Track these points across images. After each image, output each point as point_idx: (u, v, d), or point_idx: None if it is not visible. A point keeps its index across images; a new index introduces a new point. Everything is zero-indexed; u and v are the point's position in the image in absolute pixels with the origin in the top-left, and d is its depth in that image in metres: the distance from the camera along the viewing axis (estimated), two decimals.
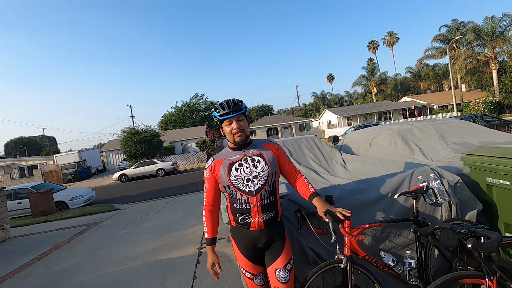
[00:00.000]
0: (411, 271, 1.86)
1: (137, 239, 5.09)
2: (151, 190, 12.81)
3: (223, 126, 1.73)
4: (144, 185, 15.35)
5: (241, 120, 1.71)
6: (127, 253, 4.40)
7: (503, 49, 27.54)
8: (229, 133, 1.71)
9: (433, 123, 3.86)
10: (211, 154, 26.27)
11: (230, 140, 1.74)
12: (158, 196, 10.28)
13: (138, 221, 6.50)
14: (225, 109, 1.68)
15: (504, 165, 2.00)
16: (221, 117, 1.69)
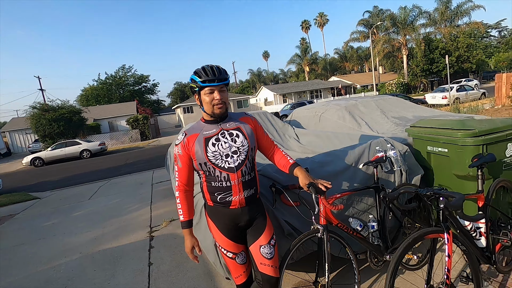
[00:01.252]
0: (373, 233, 2.04)
1: (69, 230, 4.46)
2: (76, 174, 11.31)
3: (202, 94, 1.51)
4: (67, 169, 13.45)
5: (223, 91, 1.52)
6: (59, 247, 3.83)
7: (412, 37, 31.75)
8: (209, 103, 1.50)
9: (373, 99, 4.22)
10: (145, 132, 24.42)
11: (207, 112, 1.55)
12: (87, 181, 9.13)
13: (66, 210, 5.69)
14: (208, 75, 1.46)
15: (443, 134, 2.30)
16: (203, 83, 1.47)
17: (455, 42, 30.87)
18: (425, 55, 31.23)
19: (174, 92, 62.51)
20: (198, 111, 34.57)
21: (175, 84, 64.17)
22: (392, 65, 40.29)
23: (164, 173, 8.05)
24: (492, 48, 43.18)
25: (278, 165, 1.74)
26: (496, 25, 46.45)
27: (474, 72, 35.57)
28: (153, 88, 47.77)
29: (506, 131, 2.12)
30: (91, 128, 24.28)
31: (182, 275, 2.71)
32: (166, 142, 20.76)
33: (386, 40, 32.96)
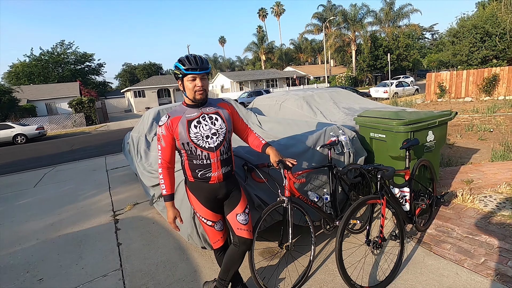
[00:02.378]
0: (327, 203, 2.45)
1: (17, 218, 4.20)
2: (11, 162, 10.16)
3: (185, 81, 1.68)
4: None
5: (204, 79, 1.71)
6: (10, 234, 3.62)
7: (360, 33, 34.07)
8: (191, 89, 1.69)
9: (327, 91, 4.70)
10: (91, 116, 22.55)
11: (189, 97, 1.73)
12: (26, 168, 8.33)
13: (8, 198, 5.25)
14: (192, 64, 1.64)
15: (382, 123, 2.79)
16: (186, 71, 1.64)
17: (396, 42, 34.01)
18: (371, 52, 33.88)
19: (122, 73, 58.06)
20: (150, 96, 32.87)
21: (124, 65, 59.60)
22: (342, 59, 42.87)
23: (119, 159, 7.77)
24: (426, 49, 48.47)
25: (252, 145, 2.00)
26: (429, 28, 52.07)
27: (410, 70, 39.74)
28: (99, 69, 43.81)
29: (427, 121, 2.68)
30: (25, 110, 21.64)
31: (154, 251, 2.86)
32: (116, 127, 19.53)
33: (337, 35, 34.87)
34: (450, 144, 5.44)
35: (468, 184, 3.46)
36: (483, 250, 2.30)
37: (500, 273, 2.05)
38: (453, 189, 3.37)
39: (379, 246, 2.02)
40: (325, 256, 2.49)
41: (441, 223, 2.76)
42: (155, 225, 3.43)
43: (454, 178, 3.73)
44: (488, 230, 2.54)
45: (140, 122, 4.52)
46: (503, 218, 2.67)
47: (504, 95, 11.88)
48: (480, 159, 4.41)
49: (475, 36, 19.37)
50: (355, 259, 2.38)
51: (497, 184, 3.31)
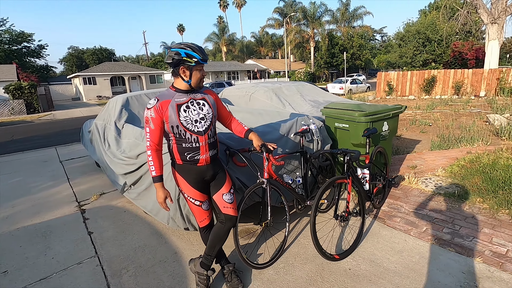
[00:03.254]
0: (299, 185, 2.70)
1: None
2: None
3: (195, 69, 1.76)
4: None
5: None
6: None
7: (319, 31, 35.52)
8: (199, 78, 1.80)
9: (294, 84, 4.98)
10: (33, 103, 20.25)
11: (193, 85, 1.81)
12: None
13: None
14: (205, 55, 1.77)
15: (346, 114, 3.12)
16: (202, 61, 1.75)
17: (351, 41, 36.21)
18: (328, 49, 35.62)
19: (68, 58, 52.75)
20: (102, 83, 30.52)
21: (70, 48, 54.17)
22: (302, 54, 44.37)
23: (74, 150, 7.28)
24: (376, 50, 52.41)
25: (235, 131, 2.14)
26: (379, 30, 56.24)
27: (362, 69, 42.69)
28: (39, 51, 39.22)
29: (383, 113, 3.07)
30: None
31: (130, 237, 2.86)
32: (63, 116, 17.90)
33: (297, 31, 35.93)
34: (398, 135, 6.14)
35: (413, 169, 4.02)
36: (425, 221, 2.77)
37: (437, 237, 2.50)
38: (401, 173, 3.90)
39: (346, 219, 2.33)
40: (297, 232, 2.75)
41: (392, 201, 3.21)
42: (127, 213, 3.39)
43: (402, 164, 4.28)
44: (428, 205, 3.03)
45: (105, 110, 4.34)
46: (439, 195, 3.21)
47: (440, 95, 13.53)
48: (422, 148, 5.10)
49: (418, 41, 21.58)
50: (325, 233, 2.68)
51: (435, 168, 3.91)
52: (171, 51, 1.75)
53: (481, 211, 2.83)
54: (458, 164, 3.83)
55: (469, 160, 3.87)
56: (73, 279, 2.30)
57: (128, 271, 2.35)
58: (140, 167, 2.91)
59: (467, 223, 2.67)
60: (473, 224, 2.65)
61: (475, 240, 2.42)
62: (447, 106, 9.91)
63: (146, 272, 2.32)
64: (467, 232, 2.54)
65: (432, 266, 2.18)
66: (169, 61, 1.76)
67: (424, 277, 2.08)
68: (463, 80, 12.87)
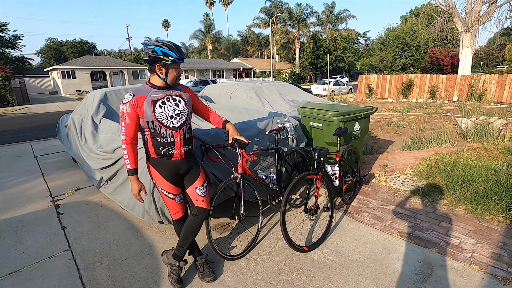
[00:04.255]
0: (273, 181, 2.81)
1: None
2: None
3: (171, 68, 1.81)
4: None
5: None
6: None
7: (304, 32, 35.99)
8: (175, 76, 1.86)
9: (274, 84, 5.10)
10: (6, 96, 19.34)
11: (169, 82, 1.86)
12: None
13: None
14: (181, 54, 1.81)
15: (320, 114, 3.26)
16: (178, 60, 1.79)
17: (335, 43, 36.96)
18: (313, 51, 36.18)
19: (46, 50, 50.50)
20: (82, 77, 29.56)
21: (48, 40, 51.87)
22: (287, 55, 44.80)
23: (50, 145, 7.08)
24: (359, 53, 53.73)
25: (213, 122, 2.23)
26: (363, 34, 57.71)
27: (346, 71, 43.67)
28: (15, 42, 37.24)
29: (355, 114, 3.24)
30: None
31: (104, 232, 2.87)
32: (39, 110, 17.22)
33: (283, 31, 36.27)
34: (373, 136, 6.41)
35: (383, 168, 4.23)
36: (390, 216, 2.95)
37: (400, 231, 2.68)
38: (372, 172, 4.10)
39: (314, 213, 2.46)
40: (270, 226, 2.86)
41: (362, 197, 3.39)
42: (103, 208, 3.38)
43: (374, 163, 4.50)
44: (395, 201, 3.23)
45: (83, 104, 4.27)
46: (405, 192, 3.41)
47: (416, 98, 14.13)
48: (394, 149, 5.36)
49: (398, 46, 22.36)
50: (296, 226, 2.80)
51: (404, 167, 4.14)
52: (148, 48, 1.80)
53: (441, 207, 3.05)
54: (424, 163, 4.07)
55: (434, 160, 4.13)
56: (44, 272, 2.29)
57: (101, 264, 2.37)
58: (116, 161, 2.92)
59: (428, 218, 2.87)
60: (432, 218, 2.86)
61: (433, 233, 2.62)
62: (422, 109, 10.38)
63: (120, 264, 2.35)
64: (426, 226, 2.73)
65: (392, 256, 2.35)
66: (145, 57, 1.81)
67: (385, 266, 2.24)
68: (438, 85, 13.50)
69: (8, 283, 2.19)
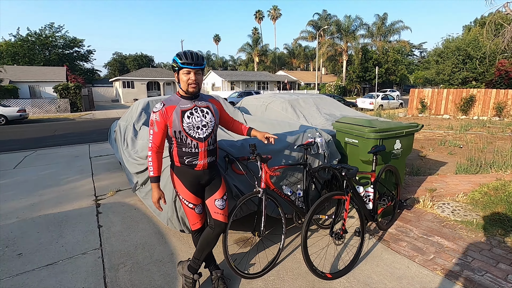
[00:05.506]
0: (299, 198, 2.66)
1: None
2: None
3: (181, 73, 1.85)
4: None
5: (198, 74, 1.88)
6: None
7: (352, 44, 34.95)
8: (185, 82, 1.85)
9: (312, 97, 4.95)
10: (76, 103, 22.05)
11: (183, 89, 1.89)
12: (5, 149, 8.18)
13: None
14: (188, 59, 1.81)
15: (356, 129, 3.04)
16: (182, 64, 1.81)
17: (386, 56, 35.15)
18: (361, 63, 34.85)
19: (112, 63, 56.88)
20: (139, 88, 32.44)
21: (114, 54, 58.44)
22: (334, 68, 43.84)
23: (104, 148, 7.77)
24: (413, 66, 50.28)
25: (238, 131, 2.25)
26: (418, 46, 54.05)
27: (397, 84, 41.13)
28: (88, 55, 42.75)
29: (396, 131, 2.95)
30: (7, 91, 20.91)
31: (134, 234, 2.99)
32: (101, 116, 19.21)
33: (330, 44, 35.64)
34: (422, 156, 5.82)
35: (431, 192, 3.78)
36: (434, 249, 2.58)
37: (444, 268, 2.32)
38: (417, 196, 3.68)
39: (341, 237, 2.25)
40: (294, 246, 2.70)
41: (402, 224, 3.04)
42: (137, 211, 3.55)
43: (420, 186, 4.05)
44: (441, 232, 2.83)
45: (129, 112, 4.62)
46: (455, 223, 2.98)
47: (478, 115, 12.61)
48: (446, 171, 4.78)
49: (458, 58, 20.39)
50: (320, 248, 2.60)
51: (456, 193, 3.64)
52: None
53: (500, 245, 2.58)
54: (481, 190, 3.53)
55: (494, 187, 3.56)
56: (75, 268, 2.44)
57: (125, 266, 2.45)
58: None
59: (482, 256, 2.44)
60: (488, 257, 2.42)
61: (487, 276, 2.21)
62: (484, 128, 9.20)
63: (141, 269, 2.40)
64: (479, 266, 2.32)
65: None
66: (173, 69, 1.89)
67: None
68: (506, 101, 11.91)
69: (44, 274, 2.37)
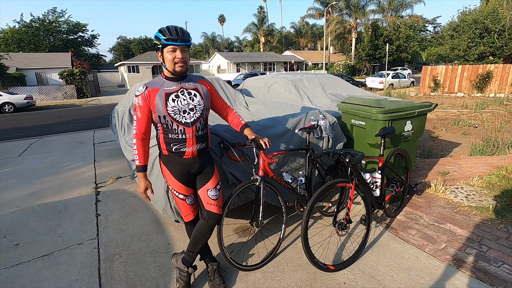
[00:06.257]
0: (301, 185, 2.50)
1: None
2: None
3: (165, 52, 1.65)
4: None
5: (185, 51, 1.68)
6: None
7: (362, 21, 33.45)
8: (171, 61, 1.65)
9: (317, 77, 4.68)
10: (82, 89, 22.05)
11: (169, 69, 1.69)
12: (13, 137, 8.22)
13: None
14: (172, 34, 1.60)
15: (363, 110, 2.81)
16: (166, 41, 1.60)
17: (397, 32, 33.54)
18: (371, 41, 33.43)
19: (117, 47, 56.32)
20: (144, 72, 32.16)
21: (119, 38, 57.76)
22: (342, 46, 42.25)
23: (107, 134, 7.71)
24: (427, 42, 48.01)
25: (232, 124, 2.02)
26: (432, 21, 51.30)
27: (409, 62, 39.52)
28: (92, 40, 42.33)
29: (406, 111, 2.71)
30: (14, 79, 21.01)
31: (131, 223, 2.91)
32: (107, 102, 19.20)
33: (339, 21, 34.19)
34: (434, 136, 5.53)
35: (443, 175, 3.56)
36: (446, 237, 2.41)
37: (457, 258, 2.16)
38: (428, 180, 3.47)
39: (344, 227, 2.10)
40: (295, 236, 2.57)
41: (411, 210, 2.87)
42: (136, 199, 3.47)
43: (432, 169, 3.83)
44: (453, 219, 2.65)
45: (126, 96, 4.46)
46: (469, 208, 2.79)
47: (494, 93, 12.00)
48: (460, 153, 4.52)
49: (474, 31, 19.22)
50: (324, 238, 2.47)
51: (471, 177, 3.42)
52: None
53: None
54: (499, 173, 3.30)
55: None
56: (70, 259, 2.38)
57: (120, 257, 2.38)
58: None
59: (499, 245, 2.27)
60: (506, 246, 2.25)
61: (504, 267, 2.04)
62: (501, 106, 8.73)
63: (137, 260, 2.32)
64: (496, 256, 2.15)
65: None
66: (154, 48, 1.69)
67: None
68: None
69: (39, 265, 2.32)
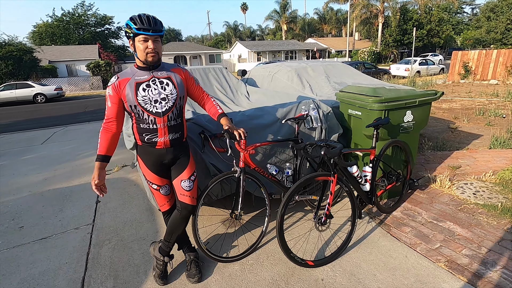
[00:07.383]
0: (287, 177, 2.43)
1: (18, 171, 4.49)
2: (29, 119, 10.70)
3: (136, 41, 1.62)
4: (18, 113, 12.61)
5: (157, 41, 1.65)
6: (8, 185, 3.90)
7: (390, 4, 31.51)
8: (142, 51, 1.63)
9: (323, 64, 4.48)
10: (107, 79, 22.95)
11: (140, 59, 1.67)
12: (40, 126, 8.76)
13: (16, 153, 5.60)
14: (144, 24, 1.57)
15: (359, 99, 2.64)
16: (138, 30, 1.57)
17: (429, 15, 31.29)
18: (399, 25, 31.51)
19: None
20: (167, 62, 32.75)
21: None
22: (368, 32, 40.29)
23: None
24: (463, 25, 44.44)
25: (209, 113, 1.98)
26: (470, 1, 47.24)
27: (441, 48, 36.87)
28: (118, 32, 43.63)
29: (406, 100, 2.51)
30: (46, 71, 22.29)
31: (126, 211, 3.00)
32: None
33: (364, 5, 32.48)
34: (453, 127, 5.14)
35: (453, 169, 3.31)
36: (442, 236, 2.25)
37: (450, 260, 2.00)
38: (436, 173, 3.24)
39: (324, 222, 2.01)
40: None
41: (410, 206, 2.70)
42: (136, 187, 3.57)
43: (442, 162, 3.57)
44: (455, 217, 2.45)
45: None
46: (475, 206, 2.57)
47: None
48: (479, 145, 4.17)
49: None
50: (302, 233, 2.40)
51: (484, 172, 3.15)
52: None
53: None
54: None
55: None
56: (65, 243, 2.51)
57: (110, 242, 2.46)
58: None
59: (500, 248, 2.07)
60: (509, 249, 2.05)
61: (502, 272, 1.87)
62: None
63: (124, 247, 2.39)
64: (495, 259, 1.97)
65: None
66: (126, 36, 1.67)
67: None
68: None
69: (36, 248, 2.47)
